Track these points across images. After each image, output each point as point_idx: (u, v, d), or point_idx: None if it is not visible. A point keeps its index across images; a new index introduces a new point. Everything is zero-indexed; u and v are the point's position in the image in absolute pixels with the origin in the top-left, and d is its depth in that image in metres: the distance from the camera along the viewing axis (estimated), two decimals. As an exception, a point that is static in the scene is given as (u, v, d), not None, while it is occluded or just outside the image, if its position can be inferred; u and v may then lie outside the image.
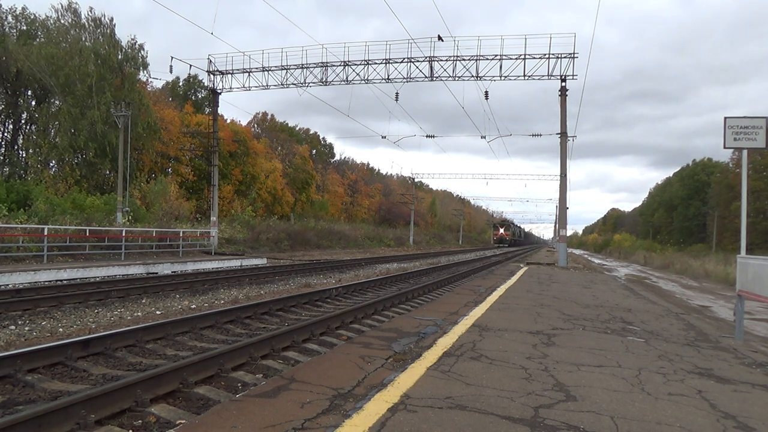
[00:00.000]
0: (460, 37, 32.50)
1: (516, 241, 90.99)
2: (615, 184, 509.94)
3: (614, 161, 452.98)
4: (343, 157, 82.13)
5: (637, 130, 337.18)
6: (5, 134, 34.39)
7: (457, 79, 24.24)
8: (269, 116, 65.77)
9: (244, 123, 54.74)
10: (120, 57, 32.30)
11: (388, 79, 24.66)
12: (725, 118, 7.80)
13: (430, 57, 24.05)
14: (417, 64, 24.29)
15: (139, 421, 4.08)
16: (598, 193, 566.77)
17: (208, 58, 26.61)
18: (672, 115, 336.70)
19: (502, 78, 23.61)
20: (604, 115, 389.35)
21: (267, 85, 26.37)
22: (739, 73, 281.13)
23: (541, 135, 39.78)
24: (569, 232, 60.35)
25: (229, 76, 26.85)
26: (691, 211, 73.15)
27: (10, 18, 33.31)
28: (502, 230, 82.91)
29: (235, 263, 20.85)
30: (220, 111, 33.96)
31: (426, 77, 24.44)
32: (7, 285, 11.95)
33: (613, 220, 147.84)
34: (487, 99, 25.58)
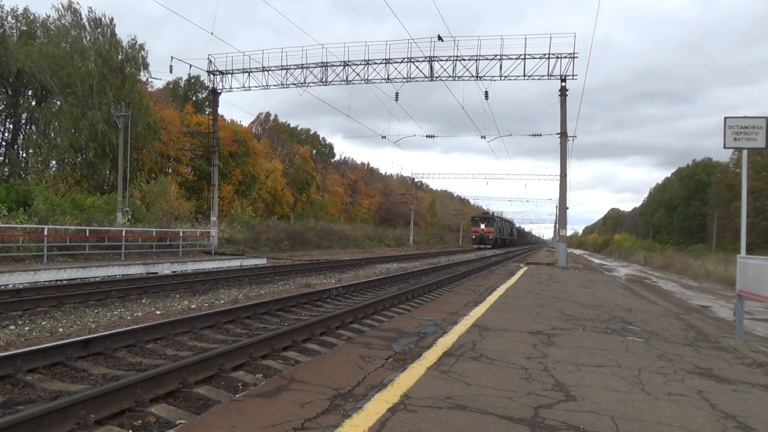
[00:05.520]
0: (460, 37, 32.50)
1: (504, 241, 71.40)
2: (620, 184, 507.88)
3: (621, 161, 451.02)
4: (343, 157, 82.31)
5: (645, 131, 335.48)
6: (5, 134, 34.44)
7: (457, 79, 24.27)
8: (272, 117, 65.90)
9: (246, 123, 54.91)
10: (120, 57, 32.30)
11: (388, 79, 24.68)
12: (725, 118, 7.80)
13: (430, 57, 24.07)
14: (417, 64, 24.32)
15: (139, 421, 4.08)
16: (603, 193, 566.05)
17: (208, 58, 26.63)
18: (681, 115, 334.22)
19: (502, 78, 23.63)
20: (614, 115, 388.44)
21: (267, 85, 26.38)
22: (751, 73, 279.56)
23: (541, 135, 39.64)
24: (569, 232, 59.98)
25: (229, 76, 26.86)
26: (691, 211, 73.16)
27: (10, 18, 33.40)
28: (482, 226, 61.13)
29: (235, 263, 20.85)
30: (220, 111, 34.03)
31: (426, 77, 24.45)
32: (7, 285, 11.94)
33: (613, 220, 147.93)
34: (487, 99, 25.60)
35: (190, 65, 30.00)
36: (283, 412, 3.45)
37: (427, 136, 35.81)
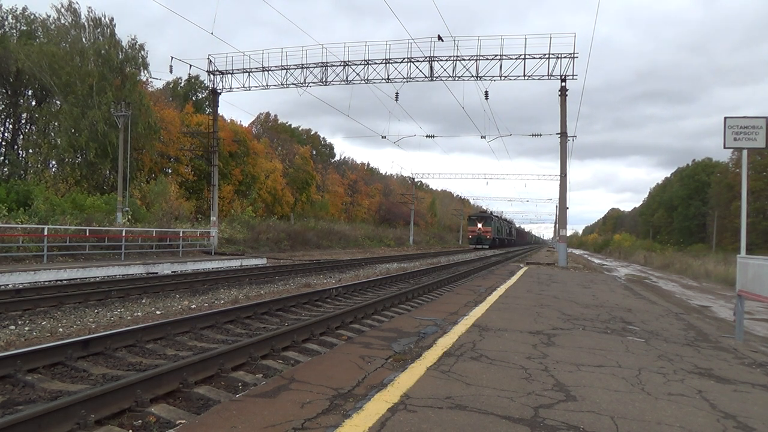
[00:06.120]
0: (460, 37, 32.49)
1: (503, 241, 69.48)
2: (620, 184, 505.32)
3: (622, 161, 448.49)
4: (343, 157, 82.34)
5: (646, 131, 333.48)
6: (5, 134, 34.43)
7: (457, 79, 24.27)
8: (272, 117, 65.95)
9: (246, 123, 54.92)
10: (120, 57, 32.30)
11: (388, 79, 24.68)
12: (725, 118, 7.80)
13: (430, 57, 24.07)
14: (417, 64, 24.33)
15: (139, 421, 4.08)
16: (603, 193, 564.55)
17: (208, 58, 26.63)
18: (682, 115, 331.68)
19: (502, 78, 23.64)
20: (615, 115, 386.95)
21: (267, 85, 26.39)
22: (752, 73, 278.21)
23: (541, 135, 39.63)
24: (569, 232, 59.63)
25: (229, 76, 26.86)
26: (691, 211, 73.18)
27: (10, 18, 33.40)
28: (480, 225, 59.34)
29: (235, 263, 20.85)
30: (220, 111, 34.02)
31: (426, 77, 24.46)
32: (7, 285, 11.94)
33: (613, 220, 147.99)
34: (487, 99, 25.60)
35: (190, 65, 29.97)
36: (283, 412, 3.45)
37: (427, 136, 35.86)
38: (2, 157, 33.56)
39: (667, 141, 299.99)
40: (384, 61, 24.46)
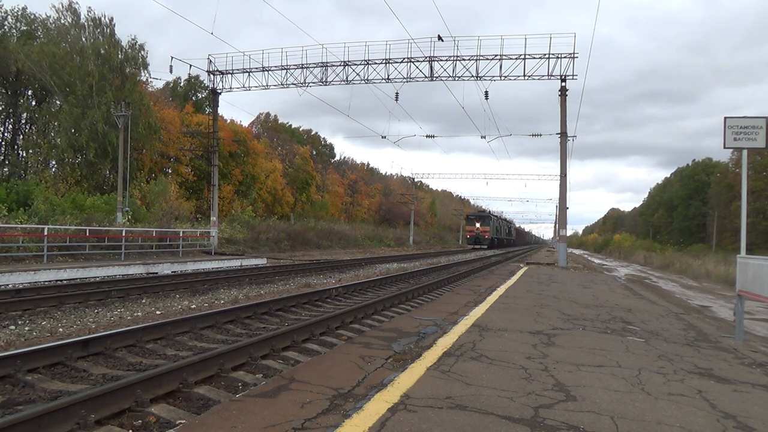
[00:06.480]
0: (460, 37, 32.47)
1: (502, 241, 69.13)
2: (621, 183, 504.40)
3: (622, 161, 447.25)
4: (343, 157, 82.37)
5: (647, 131, 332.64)
6: (5, 134, 34.44)
7: (457, 79, 24.27)
8: (272, 117, 65.99)
9: (246, 123, 54.94)
10: (120, 57, 32.31)
11: (388, 79, 24.68)
12: (725, 118, 7.80)
13: (430, 57, 24.07)
14: (417, 64, 24.33)
15: (139, 421, 4.08)
16: (603, 193, 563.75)
17: (208, 58, 26.62)
18: (683, 115, 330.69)
19: (502, 78, 23.63)
20: (616, 115, 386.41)
21: (267, 85, 26.39)
22: (753, 73, 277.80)
23: (541, 135, 39.57)
24: (569, 232, 59.53)
25: (229, 76, 26.86)
26: (691, 211, 73.22)
27: (10, 18, 33.43)
28: (478, 225, 59.25)
29: (235, 263, 20.85)
30: (220, 111, 34.02)
31: (426, 77, 24.45)
32: (7, 285, 11.94)
33: (613, 220, 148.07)
34: (487, 99, 25.60)
35: (190, 65, 29.98)
36: (283, 412, 3.45)
37: (427, 136, 35.85)
38: (2, 157, 33.57)
39: (667, 141, 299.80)
40: (384, 61, 24.46)
